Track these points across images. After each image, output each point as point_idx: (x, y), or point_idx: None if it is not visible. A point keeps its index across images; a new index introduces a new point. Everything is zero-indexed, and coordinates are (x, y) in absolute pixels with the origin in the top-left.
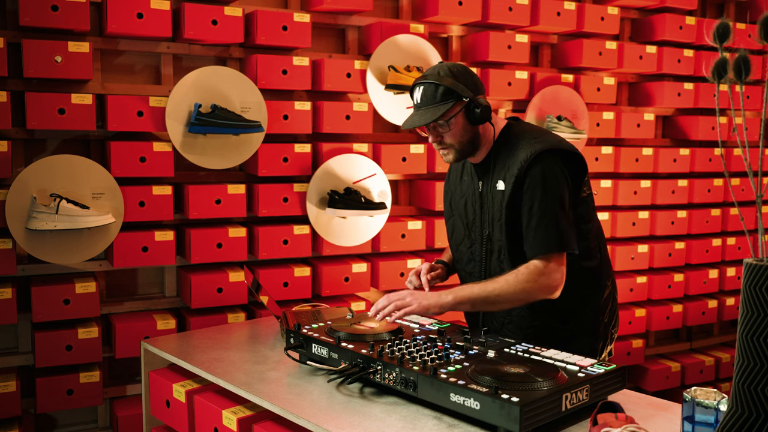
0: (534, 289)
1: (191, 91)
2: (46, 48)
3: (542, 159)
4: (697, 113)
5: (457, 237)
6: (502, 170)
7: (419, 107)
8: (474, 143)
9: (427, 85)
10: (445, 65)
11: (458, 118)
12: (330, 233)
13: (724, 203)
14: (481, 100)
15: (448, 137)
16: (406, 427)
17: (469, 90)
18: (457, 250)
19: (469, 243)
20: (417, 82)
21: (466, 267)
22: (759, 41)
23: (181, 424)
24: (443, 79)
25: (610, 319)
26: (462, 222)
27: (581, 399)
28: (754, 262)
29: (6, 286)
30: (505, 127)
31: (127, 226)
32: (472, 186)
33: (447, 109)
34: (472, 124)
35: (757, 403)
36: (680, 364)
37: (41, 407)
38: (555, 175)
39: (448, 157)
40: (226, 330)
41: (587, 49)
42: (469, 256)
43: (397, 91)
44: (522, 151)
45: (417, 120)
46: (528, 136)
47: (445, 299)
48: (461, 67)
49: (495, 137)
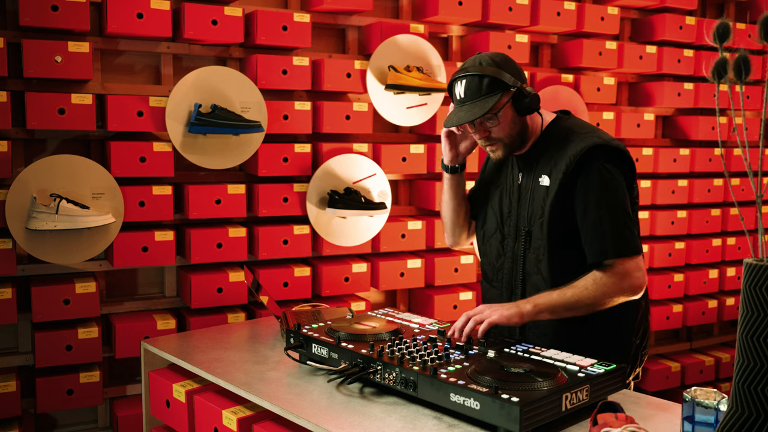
0: (618, 291)
1: (191, 91)
2: (46, 48)
3: (596, 156)
4: (697, 113)
5: (489, 229)
6: (547, 165)
7: (464, 102)
8: (523, 135)
9: (471, 77)
10: (486, 55)
11: (507, 110)
12: (330, 233)
13: (724, 203)
14: (528, 88)
15: (497, 131)
16: (406, 427)
17: (515, 78)
18: (484, 242)
19: (500, 237)
20: (458, 76)
21: (496, 261)
22: (759, 41)
23: (181, 424)
24: (487, 69)
25: (642, 341)
26: (494, 214)
27: (581, 399)
28: (754, 262)
29: (6, 286)
30: (554, 120)
31: (127, 226)
32: (510, 177)
33: (495, 101)
34: (520, 115)
35: (757, 403)
36: (680, 364)
37: (41, 407)
38: (612, 174)
39: (496, 153)
40: (226, 330)
41: (587, 49)
42: (500, 250)
43: (397, 91)
44: (572, 145)
45: (464, 116)
46: (579, 130)
47: (525, 308)
48: (503, 56)
49: (542, 129)
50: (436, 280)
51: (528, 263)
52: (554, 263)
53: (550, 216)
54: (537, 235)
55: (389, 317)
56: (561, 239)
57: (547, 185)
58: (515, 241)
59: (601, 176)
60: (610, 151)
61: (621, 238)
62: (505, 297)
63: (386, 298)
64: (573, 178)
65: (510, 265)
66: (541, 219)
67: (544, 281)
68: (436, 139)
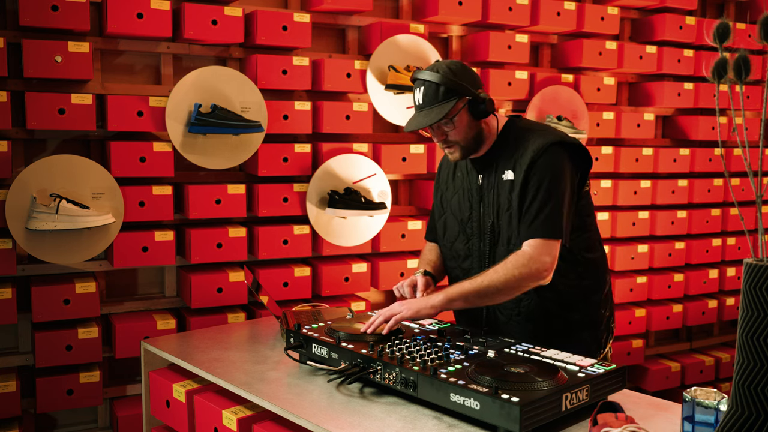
0: (524, 275)
1: (191, 91)
2: (46, 48)
3: (552, 151)
4: (697, 113)
5: (450, 235)
6: (509, 160)
7: (422, 108)
8: (479, 138)
9: (428, 84)
10: (443, 63)
11: (462, 115)
12: (330, 233)
13: (724, 203)
14: (482, 94)
15: (453, 135)
16: (406, 427)
17: (469, 86)
18: (450, 248)
19: (464, 239)
20: (417, 84)
21: (463, 264)
22: (759, 41)
23: (181, 424)
24: (443, 77)
25: (611, 313)
26: (455, 219)
27: (581, 399)
28: (754, 262)
29: (6, 286)
30: (509, 122)
31: (127, 226)
32: (468, 180)
33: (451, 107)
34: (476, 119)
35: (757, 403)
36: (680, 364)
37: (41, 407)
38: (562, 167)
39: (454, 155)
40: (226, 330)
41: (587, 49)
42: (466, 252)
43: (397, 91)
44: (533, 141)
45: (422, 121)
46: (537, 128)
47: (435, 299)
48: (459, 64)
49: (498, 130)
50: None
51: (498, 257)
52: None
53: (518, 206)
54: (506, 227)
55: None
56: None
57: (512, 179)
58: (480, 239)
59: (551, 167)
60: (569, 147)
61: (546, 222)
62: None
63: (386, 298)
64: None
65: (478, 264)
66: (508, 211)
67: None
68: None
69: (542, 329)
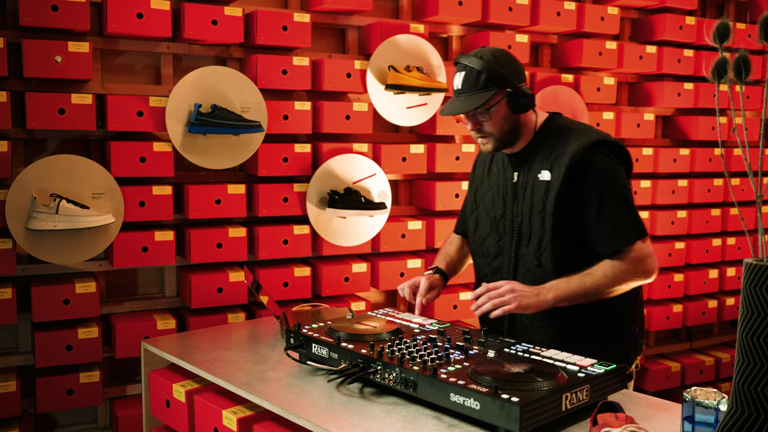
0: (633, 276)
1: (191, 91)
2: (46, 48)
3: (599, 151)
4: (697, 113)
5: (482, 231)
6: (546, 160)
7: (460, 93)
8: (514, 133)
9: (470, 70)
10: (488, 50)
11: (500, 107)
12: (330, 233)
13: (724, 203)
14: (524, 88)
15: (488, 126)
16: (406, 427)
17: (512, 78)
18: (481, 245)
19: (497, 237)
20: (458, 68)
21: (493, 262)
22: (759, 41)
23: (181, 424)
24: (485, 64)
25: (642, 329)
26: (488, 216)
27: (581, 399)
28: (754, 262)
29: (6, 286)
30: (549, 119)
31: (127, 226)
32: (503, 177)
33: (489, 97)
34: (514, 113)
35: (757, 403)
36: (680, 364)
37: (41, 407)
38: (615, 167)
39: (486, 146)
40: (226, 330)
41: (587, 49)
42: (497, 250)
43: (397, 91)
44: (573, 140)
45: (458, 107)
46: (577, 127)
47: (545, 298)
48: (504, 53)
49: (536, 128)
50: None
51: (528, 258)
52: (557, 254)
53: (554, 209)
54: (537, 229)
55: (389, 317)
56: (563, 231)
57: (549, 180)
58: (512, 238)
59: (608, 169)
60: (610, 145)
61: (632, 225)
62: None
63: (386, 298)
64: (578, 171)
65: (508, 263)
66: (542, 213)
67: (545, 272)
68: (436, 139)
69: (567, 338)
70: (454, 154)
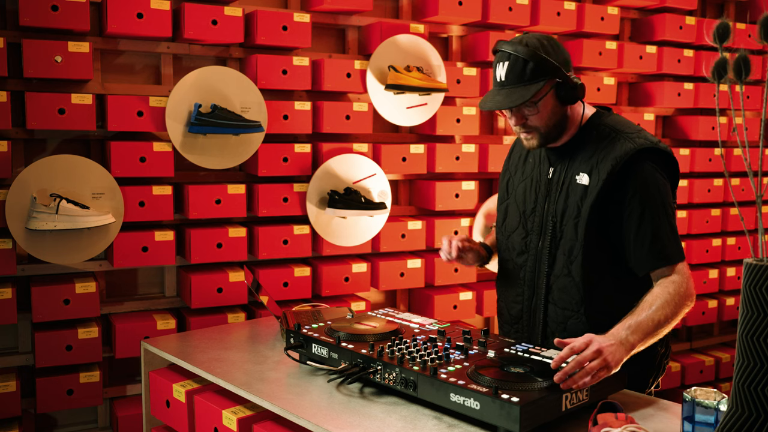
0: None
1: (191, 91)
2: (46, 48)
3: (646, 159)
4: (697, 113)
5: (510, 225)
6: (587, 162)
7: (503, 86)
8: (561, 126)
9: (515, 59)
10: (533, 37)
11: (548, 99)
12: (330, 233)
13: (724, 203)
14: (574, 78)
15: (535, 120)
16: (406, 427)
17: (562, 66)
18: (508, 238)
19: (523, 233)
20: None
21: (518, 259)
22: (759, 41)
23: (181, 424)
24: (534, 54)
25: (666, 350)
26: (518, 209)
27: (581, 399)
28: (754, 262)
29: (6, 286)
30: (595, 114)
31: (127, 226)
32: (538, 170)
33: (537, 90)
34: (562, 105)
35: (757, 403)
36: (680, 364)
37: (41, 407)
38: (661, 180)
39: (531, 142)
40: (226, 330)
41: (587, 49)
42: (523, 247)
43: (397, 91)
44: (618, 145)
45: (502, 101)
46: (625, 129)
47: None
48: (551, 39)
49: (582, 122)
50: (436, 280)
51: (557, 263)
52: (587, 265)
53: (589, 217)
54: (570, 236)
55: (389, 317)
56: (597, 241)
57: (586, 184)
58: (540, 237)
59: (654, 181)
60: (659, 154)
61: (676, 243)
62: (526, 296)
63: (386, 298)
64: (620, 180)
65: (533, 263)
66: (576, 219)
67: (573, 283)
68: (436, 139)
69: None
70: (454, 154)
